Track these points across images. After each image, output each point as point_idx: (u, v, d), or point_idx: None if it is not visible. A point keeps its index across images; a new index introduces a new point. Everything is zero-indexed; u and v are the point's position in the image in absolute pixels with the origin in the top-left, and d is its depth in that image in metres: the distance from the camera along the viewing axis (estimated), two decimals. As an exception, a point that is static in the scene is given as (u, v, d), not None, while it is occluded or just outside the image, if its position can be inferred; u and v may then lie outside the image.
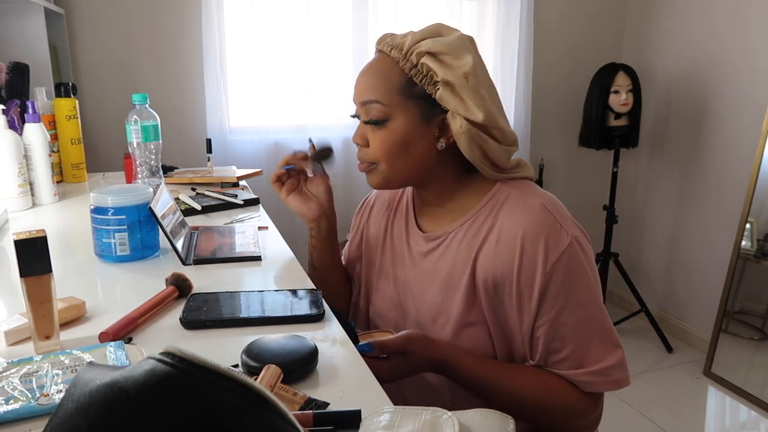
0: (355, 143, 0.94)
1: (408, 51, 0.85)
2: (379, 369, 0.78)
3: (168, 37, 2.21)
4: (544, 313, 0.84)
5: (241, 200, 1.42)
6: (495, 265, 0.85)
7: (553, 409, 0.86)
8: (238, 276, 0.98)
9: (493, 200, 0.90)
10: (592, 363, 0.84)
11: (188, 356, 0.34)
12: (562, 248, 0.82)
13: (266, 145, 2.38)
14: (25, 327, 0.73)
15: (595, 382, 0.84)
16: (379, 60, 0.89)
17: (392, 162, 0.89)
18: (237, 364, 0.68)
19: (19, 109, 1.53)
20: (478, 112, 0.83)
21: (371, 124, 0.89)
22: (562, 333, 0.84)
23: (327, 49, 2.36)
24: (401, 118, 0.86)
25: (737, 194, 2.34)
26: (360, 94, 0.90)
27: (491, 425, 0.53)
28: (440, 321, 0.92)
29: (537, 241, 0.82)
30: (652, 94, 2.69)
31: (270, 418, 0.35)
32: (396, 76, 0.86)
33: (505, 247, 0.84)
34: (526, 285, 0.83)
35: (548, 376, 0.86)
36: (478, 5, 2.55)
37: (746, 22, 2.29)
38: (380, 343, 0.79)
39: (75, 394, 0.35)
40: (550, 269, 0.82)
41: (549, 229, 0.83)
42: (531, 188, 0.91)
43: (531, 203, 0.86)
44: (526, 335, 0.86)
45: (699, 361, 2.49)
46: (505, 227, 0.86)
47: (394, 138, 0.87)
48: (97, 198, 1.00)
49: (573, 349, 0.84)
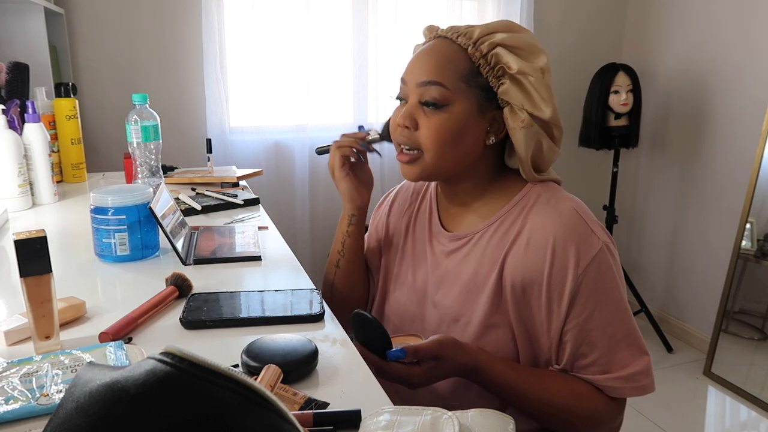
0: (402, 126, 0.87)
1: (478, 40, 0.84)
2: (410, 374, 0.77)
3: (168, 37, 2.21)
4: (573, 317, 0.83)
5: (241, 200, 1.42)
6: (525, 268, 0.84)
7: (581, 415, 0.86)
8: (238, 276, 0.98)
9: (522, 202, 0.89)
10: (618, 368, 0.84)
11: (188, 356, 0.34)
12: (593, 253, 0.82)
13: (266, 145, 2.38)
14: (25, 327, 0.73)
15: (621, 387, 0.84)
16: (442, 44, 0.86)
17: (442, 150, 0.85)
18: (237, 364, 0.68)
19: (19, 109, 1.53)
20: (546, 109, 0.83)
21: (429, 106, 0.84)
22: (590, 338, 0.83)
23: (327, 49, 2.36)
24: (461, 105, 0.84)
25: (737, 194, 2.34)
26: (419, 74, 0.85)
27: (491, 425, 0.53)
28: (462, 321, 0.90)
29: (568, 246, 0.82)
30: (652, 94, 2.69)
31: (270, 418, 0.35)
32: (462, 62, 0.84)
33: (536, 250, 0.84)
34: (556, 289, 0.83)
35: (576, 382, 0.86)
36: (478, 5, 2.55)
37: (746, 22, 2.29)
38: (414, 349, 0.77)
39: (75, 394, 0.35)
40: (581, 273, 0.82)
41: (580, 233, 0.83)
42: (560, 192, 0.90)
43: (562, 207, 0.86)
44: (554, 339, 0.85)
45: (699, 361, 2.49)
46: (536, 230, 0.85)
47: (450, 124, 0.84)
48: (97, 198, 1.00)
49: (601, 353, 0.84)
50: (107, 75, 2.17)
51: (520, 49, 0.84)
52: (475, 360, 0.82)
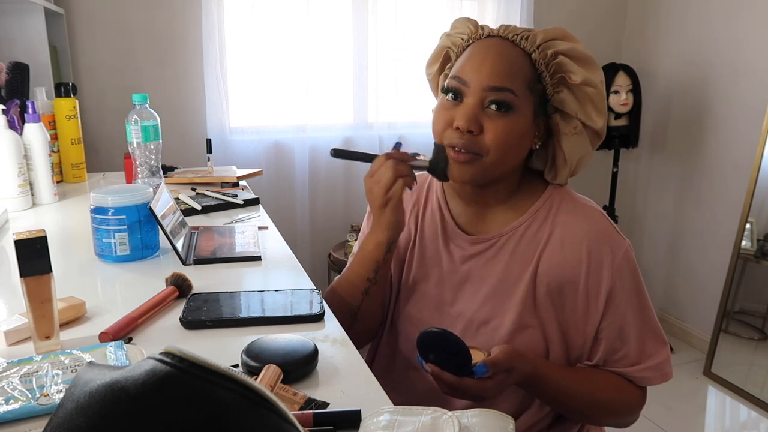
0: (466, 130, 0.82)
1: (541, 45, 0.84)
2: (484, 389, 0.77)
3: (168, 37, 2.21)
4: (610, 314, 0.87)
5: (241, 200, 1.42)
6: (561, 269, 0.86)
7: (620, 408, 0.90)
8: (238, 276, 0.98)
9: (547, 204, 0.90)
10: (647, 359, 0.89)
11: (188, 356, 0.34)
12: (622, 251, 0.87)
13: (266, 145, 2.38)
14: (25, 327, 0.73)
15: (651, 377, 0.89)
16: (505, 47, 0.84)
17: (505, 153, 0.83)
18: (237, 364, 0.68)
19: (19, 109, 1.53)
20: (598, 120, 0.87)
21: (499, 110, 0.82)
22: (624, 332, 0.88)
23: (327, 49, 2.36)
24: (524, 111, 0.84)
25: (737, 194, 2.34)
26: (489, 77, 0.82)
27: (491, 425, 0.53)
28: (492, 325, 0.90)
29: (602, 245, 0.86)
30: (652, 94, 2.69)
31: (270, 418, 0.35)
32: (527, 68, 0.84)
33: (571, 252, 0.86)
34: (593, 287, 0.86)
35: (613, 376, 0.90)
36: (478, 5, 2.55)
37: (746, 22, 2.29)
38: (492, 362, 0.77)
39: (75, 394, 0.35)
40: (615, 271, 0.86)
41: (610, 234, 0.87)
42: (577, 194, 0.93)
43: (588, 210, 0.90)
44: (589, 336, 0.88)
45: (699, 361, 2.49)
46: (568, 231, 0.87)
47: (515, 129, 0.83)
48: (97, 198, 1.00)
49: (632, 347, 0.88)
50: (107, 75, 2.17)
51: (583, 60, 0.85)
52: (534, 366, 0.83)
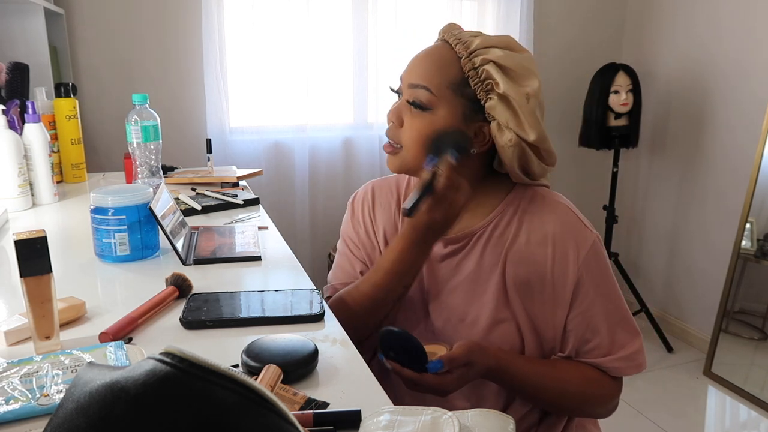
0: (389, 121, 0.91)
1: (474, 52, 0.85)
2: (444, 383, 0.79)
3: (168, 37, 2.21)
4: (577, 305, 0.89)
5: (241, 200, 1.42)
6: (527, 264, 0.88)
7: (591, 398, 0.92)
8: (238, 276, 0.98)
9: (515, 201, 0.92)
10: (618, 350, 0.90)
11: (188, 356, 0.34)
12: (589, 244, 0.88)
13: (266, 145, 2.38)
14: (25, 327, 0.73)
15: (622, 367, 0.90)
16: (440, 48, 0.88)
17: (418, 150, 0.87)
18: (237, 364, 0.68)
19: (19, 109, 1.53)
20: (531, 133, 0.85)
21: (414, 107, 0.87)
22: (593, 323, 0.89)
23: (327, 49, 2.36)
24: (444, 111, 0.85)
25: (737, 194, 2.34)
26: (411, 75, 0.88)
27: (491, 425, 0.53)
28: (468, 320, 0.92)
29: (567, 240, 0.88)
30: (652, 94, 2.69)
31: (270, 418, 0.35)
32: (453, 70, 0.85)
33: (536, 247, 0.88)
34: (559, 280, 0.88)
35: (584, 367, 0.91)
36: (478, 5, 2.55)
37: (746, 22, 2.29)
38: (448, 358, 0.79)
39: (75, 394, 0.35)
40: (582, 264, 0.87)
41: (576, 228, 0.89)
42: (547, 191, 0.94)
43: (555, 205, 0.91)
44: (558, 328, 0.90)
45: (699, 361, 2.49)
46: (534, 228, 0.89)
47: (430, 127, 0.86)
48: (97, 198, 1.00)
49: (602, 338, 0.90)
50: (107, 75, 2.17)
51: (512, 70, 0.84)
52: (498, 360, 0.85)
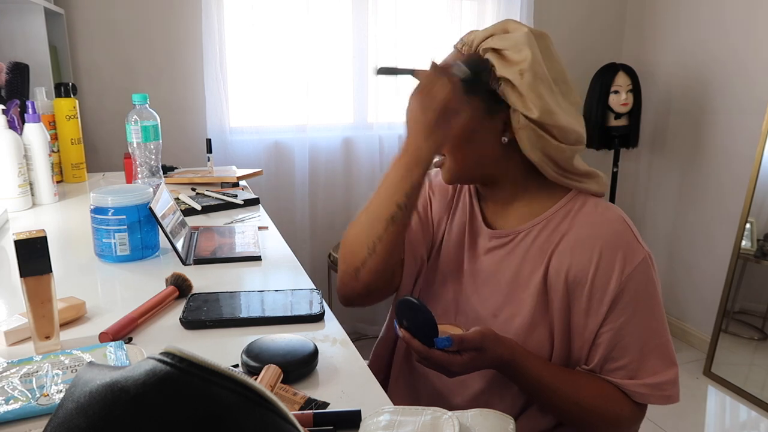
0: None
1: (476, 47, 0.86)
2: (451, 363, 0.78)
3: (168, 37, 2.21)
4: (611, 320, 0.85)
5: (241, 200, 1.42)
6: (570, 267, 0.86)
7: (606, 417, 0.87)
8: (238, 276, 0.98)
9: (568, 206, 0.90)
10: (646, 375, 0.85)
11: (188, 356, 0.34)
12: (637, 261, 0.84)
13: (266, 145, 2.38)
14: (25, 327, 0.73)
15: (648, 394, 0.85)
16: (454, 57, 0.90)
17: (455, 153, 0.90)
18: (237, 364, 0.68)
19: (19, 109, 1.53)
20: (533, 109, 0.84)
21: None
22: (624, 342, 0.85)
23: (327, 49, 2.36)
24: (468, 111, 0.86)
25: (737, 194, 2.34)
26: None
27: (491, 425, 0.53)
28: (501, 318, 0.91)
29: (615, 250, 0.84)
30: (652, 94, 2.69)
31: (270, 418, 0.35)
32: None
33: (582, 252, 0.85)
34: (599, 289, 0.84)
35: (605, 384, 0.87)
36: (478, 5, 2.55)
37: (747, 22, 2.29)
38: (459, 338, 0.78)
39: (75, 394, 0.35)
40: (625, 278, 0.84)
41: (626, 241, 0.85)
42: (605, 202, 0.92)
43: (609, 215, 0.88)
44: (587, 339, 0.87)
45: (699, 361, 2.49)
46: (583, 233, 0.87)
47: (458, 129, 0.86)
48: (97, 198, 1.00)
49: (631, 359, 0.85)
50: (107, 75, 2.17)
51: (505, 50, 0.84)
52: (513, 353, 0.83)
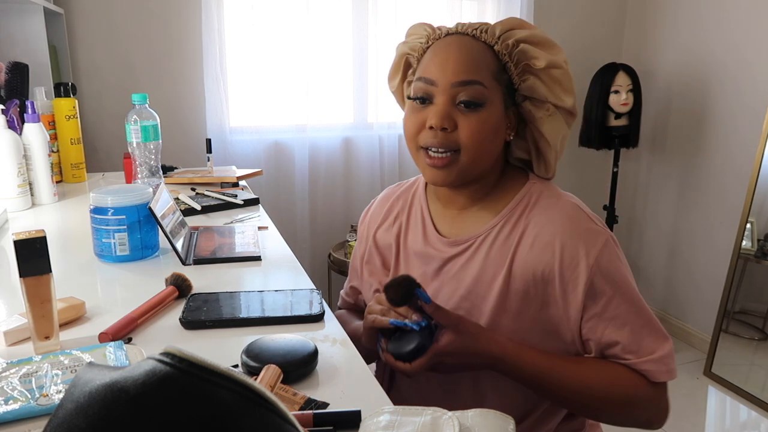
0: (439, 128, 0.82)
1: (500, 36, 0.85)
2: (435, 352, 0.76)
3: (168, 37, 2.21)
4: (591, 307, 0.83)
5: (241, 200, 1.42)
6: (534, 265, 0.84)
7: (617, 400, 0.84)
8: (238, 276, 0.98)
9: (524, 201, 0.89)
10: (647, 354, 0.83)
11: (188, 356, 0.34)
12: (601, 243, 0.83)
13: (266, 145, 2.38)
14: (24, 327, 0.73)
15: (653, 370, 0.83)
16: (467, 42, 0.84)
17: (480, 149, 0.84)
18: (237, 364, 0.68)
19: (18, 109, 1.53)
20: (567, 99, 0.85)
21: (469, 106, 0.82)
22: (612, 326, 0.83)
23: (327, 49, 2.36)
24: (495, 102, 0.84)
25: (737, 194, 2.34)
26: (455, 73, 0.82)
27: (491, 425, 0.53)
28: None
29: (575, 240, 0.83)
30: (652, 94, 2.68)
31: (270, 418, 0.35)
32: (492, 60, 0.84)
33: (544, 247, 0.83)
34: (570, 281, 0.82)
35: (615, 366, 0.84)
36: (477, 5, 2.55)
37: (747, 22, 2.29)
38: (436, 305, 0.78)
39: (75, 394, 0.35)
40: (593, 264, 0.82)
41: (584, 227, 0.84)
42: (557, 189, 0.91)
43: (564, 204, 0.87)
44: (575, 331, 0.85)
45: (699, 361, 2.49)
46: (541, 228, 0.85)
47: (489, 122, 0.83)
48: (96, 198, 1.00)
49: (627, 341, 0.83)
50: (107, 75, 2.17)
51: (542, 44, 0.85)
52: (504, 348, 0.81)
